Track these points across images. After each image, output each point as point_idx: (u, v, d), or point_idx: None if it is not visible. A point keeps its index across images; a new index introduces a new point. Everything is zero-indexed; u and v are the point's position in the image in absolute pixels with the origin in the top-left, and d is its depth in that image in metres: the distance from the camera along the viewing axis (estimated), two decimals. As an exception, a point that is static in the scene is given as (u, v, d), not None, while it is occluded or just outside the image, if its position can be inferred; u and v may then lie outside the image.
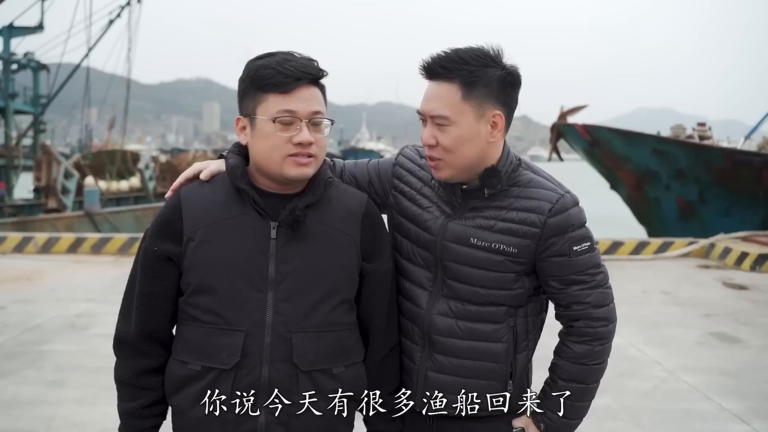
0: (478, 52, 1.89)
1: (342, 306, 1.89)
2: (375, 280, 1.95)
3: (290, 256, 1.82)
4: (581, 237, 1.95)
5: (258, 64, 1.82)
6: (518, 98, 1.96)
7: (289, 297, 1.81)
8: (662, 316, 7.80)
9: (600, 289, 1.97)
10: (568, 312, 1.98)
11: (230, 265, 1.80)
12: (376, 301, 1.97)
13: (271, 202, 1.85)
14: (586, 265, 1.95)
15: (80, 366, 5.70)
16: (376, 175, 2.14)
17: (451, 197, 2.00)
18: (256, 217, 1.83)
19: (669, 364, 6.03)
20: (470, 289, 1.97)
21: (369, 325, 1.97)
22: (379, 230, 1.99)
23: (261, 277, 1.80)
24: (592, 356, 1.98)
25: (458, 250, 1.96)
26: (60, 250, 11.57)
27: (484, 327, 1.98)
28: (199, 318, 1.83)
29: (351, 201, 1.95)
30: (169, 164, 27.19)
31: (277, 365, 1.79)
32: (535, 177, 1.99)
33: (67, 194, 20.48)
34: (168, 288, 1.87)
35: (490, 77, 1.88)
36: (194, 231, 1.82)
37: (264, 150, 1.81)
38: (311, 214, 1.85)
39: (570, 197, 1.96)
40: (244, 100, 1.84)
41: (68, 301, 8.05)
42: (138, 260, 1.90)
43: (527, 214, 1.93)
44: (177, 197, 1.88)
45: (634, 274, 10.20)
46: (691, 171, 15.85)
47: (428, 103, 1.91)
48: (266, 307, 1.80)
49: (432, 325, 1.99)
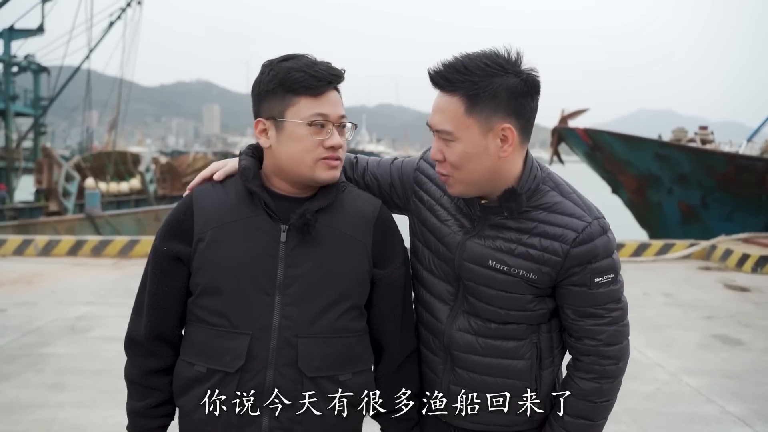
0: (487, 59, 1.74)
1: (351, 312, 1.86)
2: (387, 286, 1.93)
3: (299, 260, 1.81)
4: (605, 269, 1.83)
5: (286, 66, 1.79)
6: (536, 106, 1.81)
7: (297, 301, 1.79)
8: (664, 318, 7.78)
9: (616, 326, 1.87)
10: (578, 345, 1.90)
11: (238, 268, 1.79)
12: (389, 308, 1.95)
13: (283, 205, 1.84)
14: (606, 299, 1.85)
15: (81, 369, 5.68)
16: (399, 178, 2.07)
17: (470, 210, 1.90)
18: (267, 219, 1.82)
19: (671, 367, 6.02)
20: (489, 308, 1.89)
21: (382, 332, 1.95)
22: (392, 236, 1.96)
23: (269, 280, 1.79)
24: (600, 394, 1.90)
25: (476, 270, 1.87)
26: (60, 252, 11.56)
27: (506, 344, 1.90)
28: (206, 319, 1.82)
29: (364, 206, 1.93)
30: (170, 166, 27.21)
31: (282, 370, 1.77)
32: (562, 200, 1.85)
33: (68, 197, 20.50)
34: (177, 288, 1.86)
35: (497, 88, 1.73)
36: (204, 232, 1.82)
37: (295, 153, 1.79)
38: (322, 218, 1.84)
39: (597, 225, 1.83)
40: (267, 102, 1.82)
41: (68, 303, 8.04)
42: (149, 261, 1.91)
43: (550, 242, 1.81)
44: (190, 197, 1.88)
45: (635, 276, 10.18)
46: (693, 175, 15.86)
47: (434, 116, 1.82)
48: (273, 310, 1.78)
49: (452, 341, 1.93)
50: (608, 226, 1.86)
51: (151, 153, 30.90)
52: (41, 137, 28.27)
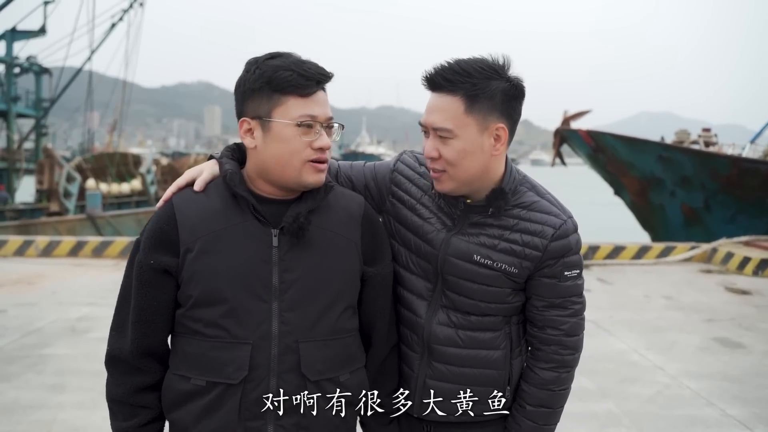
0: (482, 63, 1.86)
1: (347, 312, 1.87)
2: (377, 283, 1.94)
3: (293, 263, 1.79)
4: (574, 263, 1.99)
5: (273, 64, 1.75)
6: (522, 110, 1.95)
7: (295, 306, 1.78)
8: (664, 321, 7.78)
9: (576, 318, 2.01)
10: (540, 334, 2.02)
11: (232, 276, 1.76)
12: (379, 305, 1.95)
13: (270, 208, 1.81)
14: (571, 292, 1.99)
15: (81, 370, 5.68)
16: (373, 179, 2.12)
17: (451, 209, 1.99)
18: (256, 224, 1.79)
19: (672, 370, 6.01)
20: (470, 302, 1.98)
21: (372, 329, 1.96)
22: (380, 233, 1.97)
23: (264, 286, 1.76)
24: (558, 382, 2.02)
25: (460, 265, 1.96)
26: (61, 253, 11.57)
27: (484, 335, 2.01)
28: (200, 331, 1.78)
29: (349, 204, 1.92)
30: (171, 167, 27.26)
31: (285, 376, 1.76)
32: (539, 200, 1.99)
33: (70, 197, 20.53)
34: (165, 301, 1.81)
35: (494, 90, 1.85)
36: (192, 241, 1.76)
37: (282, 155, 1.76)
38: (312, 219, 1.82)
39: (571, 222, 1.99)
40: (252, 102, 1.77)
41: (69, 304, 8.05)
42: (131, 273, 1.83)
43: (531, 237, 1.94)
44: (170, 206, 1.82)
45: (636, 279, 10.18)
46: (696, 178, 15.85)
47: (431, 115, 1.89)
48: (271, 317, 1.76)
49: (432, 335, 2.00)
50: (577, 226, 2.02)
51: (152, 154, 30.99)
52: (42, 138, 28.31)
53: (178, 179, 1.90)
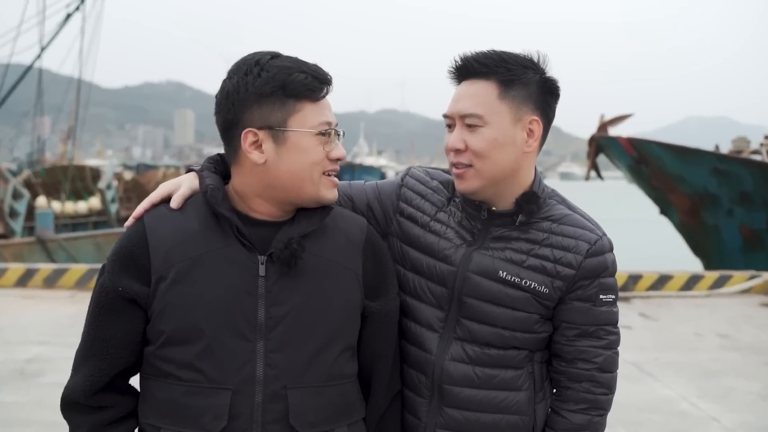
0: (517, 54, 2.00)
1: (345, 354, 1.88)
2: (380, 320, 1.95)
3: (283, 296, 1.80)
4: (610, 286, 2.05)
5: (282, 65, 1.78)
6: (556, 111, 2.05)
7: (283, 346, 1.78)
8: (719, 364, 7.78)
9: (610, 351, 2.05)
10: (570, 369, 2.04)
11: (211, 310, 1.76)
12: (382, 346, 1.97)
13: (258, 231, 1.82)
14: (606, 320, 2.03)
15: (32, 420, 5.70)
16: (376, 199, 2.16)
17: (471, 223, 2.04)
18: (241, 249, 1.80)
19: (728, 421, 6.01)
20: (491, 330, 2.00)
21: (372, 374, 1.97)
22: (384, 261, 1.99)
23: (248, 322, 1.77)
24: (591, 427, 2.04)
25: (482, 284, 2.00)
26: (7, 283, 11.59)
27: (505, 373, 2.02)
28: (173, 374, 1.79)
29: (350, 227, 1.94)
30: (136, 182, 27.36)
31: (270, 428, 1.77)
32: (570, 213, 2.06)
33: (16, 218, 20.55)
34: (131, 333, 1.82)
35: (530, 79, 1.98)
36: (166, 268, 1.78)
37: (302, 168, 1.80)
38: (306, 244, 1.83)
39: (607, 240, 2.06)
40: (259, 109, 1.77)
41: (17, 343, 8.06)
42: (94, 300, 1.85)
43: (563, 253, 2.00)
44: (141, 226, 1.83)
45: (684, 314, 10.18)
46: (757, 194, 15.80)
47: (459, 102, 1.99)
48: (256, 359, 1.77)
49: (444, 373, 2.01)
50: (613, 245, 2.08)
51: (113, 167, 31.06)
52: (-16, 148, 28.39)
53: (152, 194, 1.92)
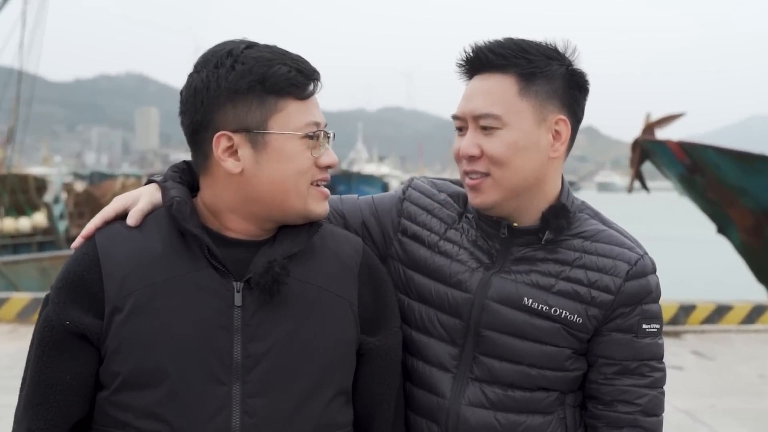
0: (542, 44, 1.99)
1: (338, 399, 1.88)
2: (380, 359, 1.95)
3: (263, 330, 1.80)
4: (654, 314, 2.03)
5: (260, 57, 1.78)
6: (585, 109, 2.05)
7: (264, 390, 1.78)
8: (788, 412, 7.77)
9: (656, 391, 2.03)
10: (608, 413, 2.02)
11: (177, 348, 1.76)
12: (382, 389, 1.97)
13: (233, 253, 1.83)
14: (650, 354, 2.02)
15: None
16: (373, 216, 2.16)
17: (488, 242, 2.04)
18: (212, 275, 1.80)
19: (799, 480, 6.01)
20: (515, 368, 2.00)
21: (370, 423, 1.97)
22: (384, 288, 1.99)
23: (222, 362, 1.77)
24: None
25: (504, 313, 1.99)
26: (-66, 315, 11.59)
27: (532, 420, 2.01)
28: (131, 424, 1.78)
29: (342, 248, 1.95)
30: (89, 195, 27.37)
31: None
32: (606, 229, 2.06)
33: (-55, 237, 20.57)
34: (81, 376, 1.81)
35: (555, 72, 1.99)
36: (122, 297, 1.78)
37: (286, 178, 1.80)
38: (291, 268, 1.82)
39: (650, 260, 2.04)
40: (233, 108, 1.78)
41: (-55, 387, 8.06)
42: (37, 336, 1.84)
43: (599, 275, 1.99)
44: (92, 247, 1.83)
45: (746, 352, 10.16)
46: None
47: (471, 101, 1.98)
48: (231, 406, 1.77)
49: (460, 421, 2.00)
50: (656, 267, 2.06)
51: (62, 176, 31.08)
52: None
53: (105, 209, 1.91)
